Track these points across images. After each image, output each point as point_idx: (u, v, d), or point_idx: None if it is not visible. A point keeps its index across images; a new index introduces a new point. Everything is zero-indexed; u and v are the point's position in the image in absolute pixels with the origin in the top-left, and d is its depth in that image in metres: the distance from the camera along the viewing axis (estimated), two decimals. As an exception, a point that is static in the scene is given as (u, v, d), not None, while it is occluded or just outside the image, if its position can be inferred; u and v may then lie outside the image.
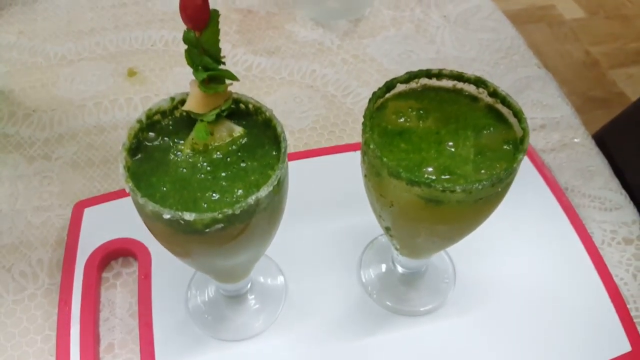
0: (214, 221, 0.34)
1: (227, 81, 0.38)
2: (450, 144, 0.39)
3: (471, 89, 0.42)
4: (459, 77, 0.42)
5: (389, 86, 0.41)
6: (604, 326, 0.51)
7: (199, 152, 0.38)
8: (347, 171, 0.51)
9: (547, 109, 0.70)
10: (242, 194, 0.37)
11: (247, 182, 0.37)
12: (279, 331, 0.51)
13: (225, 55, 0.37)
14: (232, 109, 0.40)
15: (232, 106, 0.40)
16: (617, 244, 0.57)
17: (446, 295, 0.53)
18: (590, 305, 0.52)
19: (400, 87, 0.42)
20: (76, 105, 0.70)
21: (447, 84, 0.42)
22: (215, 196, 0.36)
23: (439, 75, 0.42)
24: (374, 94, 0.40)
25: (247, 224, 0.36)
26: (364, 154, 0.40)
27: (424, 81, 0.42)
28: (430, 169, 0.38)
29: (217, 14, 0.35)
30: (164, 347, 0.49)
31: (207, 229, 0.34)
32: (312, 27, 0.80)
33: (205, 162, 0.38)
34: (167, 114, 0.40)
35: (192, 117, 0.39)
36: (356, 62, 0.75)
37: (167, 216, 0.34)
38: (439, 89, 0.43)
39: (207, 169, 0.38)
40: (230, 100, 0.39)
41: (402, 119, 0.41)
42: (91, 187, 0.62)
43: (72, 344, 0.49)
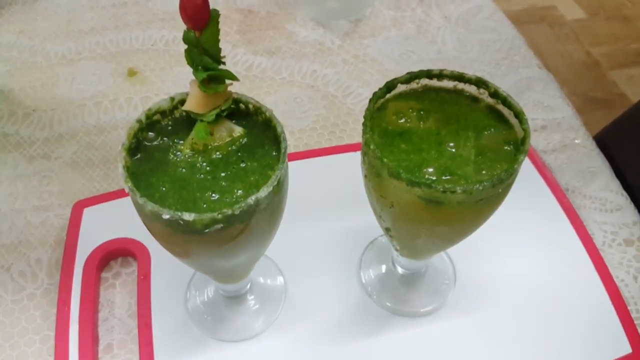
0: (214, 221, 0.34)
1: (227, 81, 0.38)
2: (450, 144, 0.39)
3: (472, 89, 0.42)
4: (459, 77, 0.42)
5: (390, 86, 0.41)
6: (605, 327, 0.51)
7: (199, 152, 0.38)
8: (347, 172, 0.50)
9: (547, 109, 0.70)
10: (241, 194, 0.37)
11: (247, 183, 0.37)
12: (278, 332, 0.51)
13: (225, 55, 0.37)
14: (232, 109, 0.40)
15: (232, 106, 0.40)
16: (617, 245, 0.57)
17: (446, 296, 0.53)
18: (590, 306, 0.52)
19: (401, 88, 0.42)
20: (76, 104, 0.70)
21: (448, 84, 0.42)
22: (214, 196, 0.36)
23: (440, 75, 0.42)
24: (375, 94, 0.40)
25: (247, 224, 0.36)
26: (364, 154, 0.40)
27: (425, 82, 0.42)
28: (430, 170, 0.38)
29: (217, 13, 0.35)
30: (163, 348, 0.49)
31: (207, 229, 0.34)
32: (313, 27, 0.80)
33: (204, 162, 0.38)
34: (166, 114, 0.40)
35: (192, 117, 0.39)
36: (357, 63, 0.75)
37: (166, 216, 0.34)
38: (439, 90, 0.43)
39: (206, 169, 0.38)
40: (230, 100, 0.39)
41: (403, 120, 0.41)
42: (91, 187, 0.61)
43: (70, 344, 0.49)
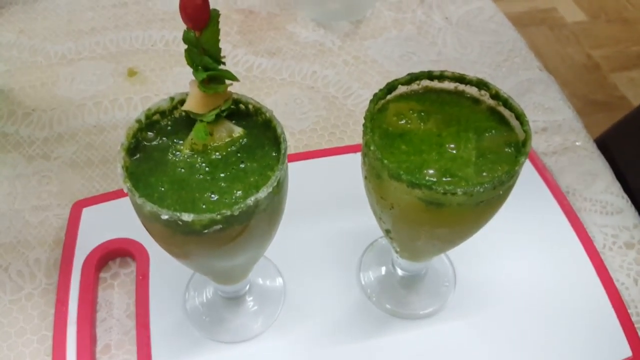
0: (213, 222, 0.34)
1: (227, 81, 0.38)
2: (451, 146, 0.39)
3: (473, 91, 0.42)
4: (460, 79, 0.42)
5: (390, 87, 0.41)
6: (605, 331, 0.51)
7: (198, 153, 0.38)
8: (347, 173, 0.50)
9: (548, 111, 0.70)
10: (241, 195, 0.36)
11: (247, 183, 0.37)
12: (277, 333, 0.50)
13: (226, 55, 0.37)
14: (232, 109, 0.40)
15: (232, 106, 0.40)
16: (618, 248, 0.57)
17: (446, 298, 0.53)
18: (591, 309, 0.52)
19: (401, 89, 0.42)
20: (76, 104, 0.69)
21: (448, 85, 0.42)
22: (214, 197, 0.36)
23: (441, 77, 0.42)
24: (375, 95, 0.40)
25: (246, 225, 0.36)
26: (365, 155, 0.40)
27: (426, 83, 0.42)
28: (431, 171, 0.38)
29: (217, 13, 0.35)
30: (161, 349, 0.49)
31: (206, 230, 0.34)
32: (314, 28, 0.80)
33: (204, 162, 0.38)
34: (166, 114, 0.40)
35: (192, 117, 0.38)
36: (357, 64, 0.75)
37: (165, 217, 0.33)
38: (440, 91, 0.42)
39: (206, 169, 0.37)
40: (230, 100, 0.39)
41: (403, 121, 0.41)
42: (90, 187, 0.61)
43: (68, 345, 0.49)
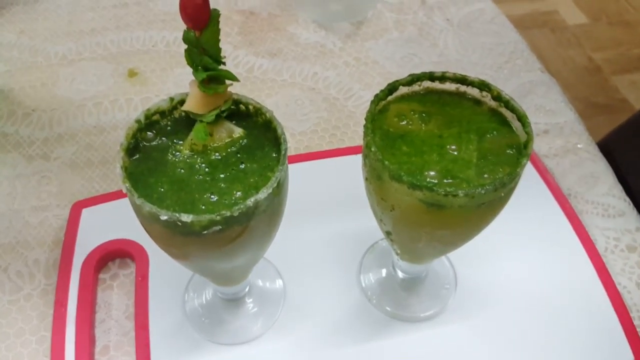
0: (212, 223, 0.33)
1: (227, 82, 0.38)
2: (452, 147, 0.39)
3: (474, 92, 0.42)
4: (462, 80, 0.41)
5: (392, 88, 0.41)
6: (607, 334, 0.50)
7: (198, 153, 0.38)
8: (348, 174, 0.50)
9: (550, 114, 0.69)
10: (240, 195, 0.36)
11: (246, 184, 0.37)
12: (277, 335, 0.50)
13: (226, 56, 0.37)
14: (232, 110, 0.40)
15: (232, 107, 0.39)
16: (620, 251, 0.57)
17: (447, 301, 0.53)
18: (592, 312, 0.52)
19: (402, 90, 0.42)
20: (76, 105, 0.69)
21: (450, 87, 0.42)
22: (213, 198, 0.36)
23: (442, 78, 0.42)
24: (376, 96, 0.40)
25: (246, 226, 0.36)
26: (365, 157, 0.40)
27: (427, 84, 0.42)
28: (432, 173, 0.37)
29: (218, 13, 0.35)
30: (160, 350, 0.49)
31: (205, 231, 0.34)
32: (315, 29, 0.79)
33: (203, 163, 0.38)
34: (166, 114, 0.40)
35: (192, 117, 0.38)
36: (358, 65, 0.75)
37: (164, 217, 0.33)
38: (441, 92, 0.42)
39: (205, 170, 0.37)
40: (230, 101, 0.39)
41: (405, 122, 0.40)
42: (90, 187, 0.61)
43: (67, 346, 0.48)
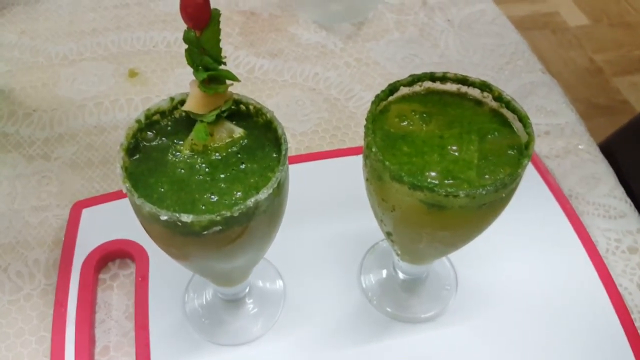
0: (212, 223, 0.33)
1: (227, 82, 0.38)
2: (453, 148, 0.39)
3: (476, 92, 0.41)
4: (463, 80, 0.41)
5: (392, 89, 0.41)
6: (608, 336, 0.50)
7: (198, 153, 0.38)
8: (348, 175, 0.50)
9: (551, 115, 0.69)
10: (241, 196, 0.36)
11: (247, 184, 0.37)
12: (277, 336, 0.50)
13: (227, 57, 0.37)
14: (233, 110, 0.40)
15: (233, 107, 0.39)
16: (621, 253, 0.57)
17: (447, 302, 0.52)
18: (593, 314, 0.51)
19: (403, 90, 0.42)
20: (77, 105, 0.69)
21: (451, 87, 0.42)
22: (213, 198, 0.36)
23: (443, 78, 0.41)
24: (377, 96, 0.40)
25: (246, 227, 0.35)
26: (366, 157, 0.40)
27: (428, 84, 0.42)
28: (433, 174, 0.37)
29: (218, 13, 0.35)
30: (160, 351, 0.48)
31: (205, 231, 0.34)
32: (315, 30, 0.79)
33: (204, 163, 0.37)
34: (166, 114, 0.40)
35: (192, 117, 0.38)
36: (359, 66, 0.75)
37: (164, 217, 0.33)
38: (443, 93, 0.42)
39: (205, 170, 0.37)
40: (230, 101, 0.39)
41: (405, 123, 0.40)
42: (90, 187, 0.61)
43: (67, 346, 0.48)
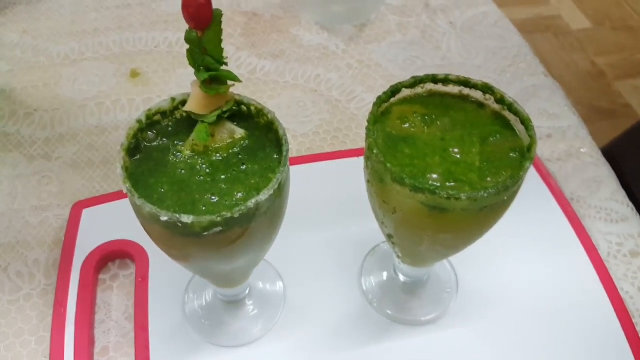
0: (213, 224, 0.33)
1: (229, 83, 0.37)
2: (455, 150, 0.38)
3: (478, 95, 0.41)
4: (465, 82, 0.41)
5: (394, 90, 0.41)
6: (609, 340, 0.50)
7: (199, 154, 0.38)
8: (349, 177, 0.50)
9: (553, 118, 0.69)
10: (241, 197, 0.36)
11: (248, 185, 0.37)
12: (277, 338, 0.50)
13: (229, 57, 0.37)
14: (234, 110, 0.40)
15: (234, 108, 0.39)
16: (623, 257, 0.56)
17: (448, 305, 0.52)
18: (594, 318, 0.51)
19: (405, 92, 0.42)
20: (78, 105, 0.69)
21: (453, 89, 0.42)
22: (214, 199, 0.36)
23: (445, 80, 0.41)
24: (379, 98, 0.40)
25: (247, 228, 0.35)
26: (368, 159, 0.39)
27: (430, 86, 0.42)
28: (434, 176, 0.37)
29: (220, 13, 0.35)
30: (160, 352, 0.48)
31: (205, 232, 0.34)
32: (317, 32, 0.79)
33: (205, 164, 0.37)
34: (167, 115, 0.40)
35: (193, 118, 0.38)
36: (361, 67, 0.75)
37: (164, 218, 0.33)
38: (445, 95, 0.42)
39: (206, 171, 0.37)
40: (232, 101, 0.39)
41: (407, 125, 0.40)
42: (91, 187, 0.61)
43: (66, 346, 0.48)
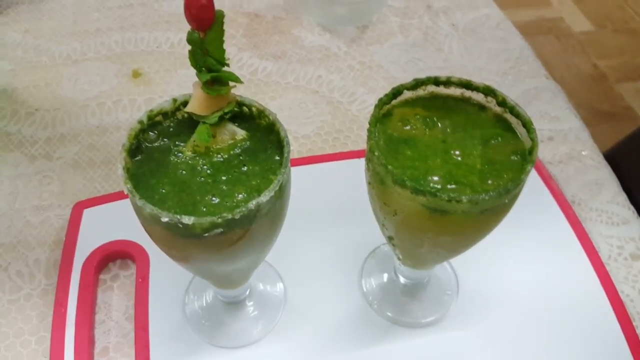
0: (213, 225, 0.33)
1: (230, 84, 0.37)
2: (456, 152, 0.38)
3: (479, 97, 0.41)
4: (467, 85, 0.41)
5: (396, 92, 0.41)
6: (609, 343, 0.50)
7: (200, 155, 0.38)
8: (350, 178, 0.50)
9: (555, 120, 0.69)
10: (242, 198, 0.36)
11: (248, 187, 0.37)
12: (277, 339, 0.50)
13: (231, 58, 0.37)
14: (236, 111, 0.40)
15: (236, 109, 0.39)
16: (623, 260, 0.56)
17: (448, 307, 0.52)
18: (595, 321, 0.51)
19: (407, 94, 0.41)
20: (79, 105, 0.69)
21: (455, 92, 0.42)
22: (215, 200, 0.36)
23: (447, 82, 0.41)
24: (380, 99, 0.40)
25: (247, 229, 0.35)
26: (369, 161, 0.39)
27: (432, 88, 0.42)
28: (435, 178, 0.37)
29: (222, 14, 0.35)
30: (160, 352, 0.48)
31: (206, 234, 0.34)
32: (319, 33, 0.79)
33: (206, 164, 0.37)
34: (168, 115, 0.40)
35: (195, 119, 0.38)
36: (363, 69, 0.75)
37: (165, 219, 0.33)
38: (446, 97, 0.42)
39: (207, 172, 0.37)
40: (233, 102, 0.39)
41: (408, 127, 0.40)
42: (91, 187, 0.61)
43: (66, 346, 0.48)
